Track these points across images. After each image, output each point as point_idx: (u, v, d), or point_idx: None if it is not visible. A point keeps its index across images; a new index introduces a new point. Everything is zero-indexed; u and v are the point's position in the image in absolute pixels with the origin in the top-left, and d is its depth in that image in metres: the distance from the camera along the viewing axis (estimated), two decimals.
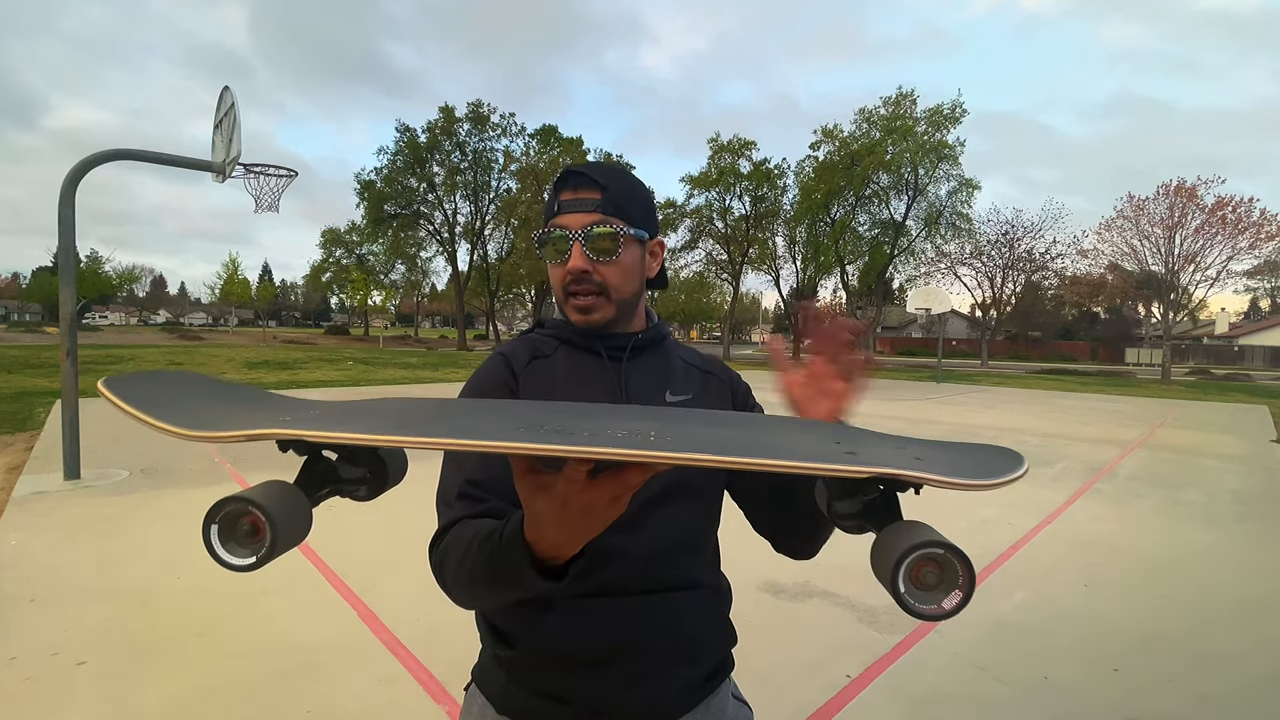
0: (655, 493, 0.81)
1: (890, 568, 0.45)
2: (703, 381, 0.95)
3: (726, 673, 0.91)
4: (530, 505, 0.58)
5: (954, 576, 0.45)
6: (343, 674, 2.48)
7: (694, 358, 0.99)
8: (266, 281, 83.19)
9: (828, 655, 2.72)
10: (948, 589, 0.45)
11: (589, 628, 0.79)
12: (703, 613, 0.86)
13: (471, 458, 0.79)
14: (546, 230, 0.86)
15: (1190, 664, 2.74)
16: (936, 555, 0.45)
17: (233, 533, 0.46)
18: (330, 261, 51.73)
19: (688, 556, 0.85)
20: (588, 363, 0.90)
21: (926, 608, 0.45)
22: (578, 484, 0.53)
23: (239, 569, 0.45)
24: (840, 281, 34.24)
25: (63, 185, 5.09)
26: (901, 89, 30.05)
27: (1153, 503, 5.55)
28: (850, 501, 0.52)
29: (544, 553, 0.61)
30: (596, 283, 0.85)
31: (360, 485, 0.56)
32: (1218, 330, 53.77)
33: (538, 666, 0.80)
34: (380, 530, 4.21)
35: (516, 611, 0.81)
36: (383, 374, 17.75)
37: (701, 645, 0.86)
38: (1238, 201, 23.23)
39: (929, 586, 0.45)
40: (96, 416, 8.14)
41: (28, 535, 3.97)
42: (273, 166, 6.61)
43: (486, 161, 36.30)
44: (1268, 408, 15.08)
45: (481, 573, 0.67)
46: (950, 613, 0.45)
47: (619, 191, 0.86)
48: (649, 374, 0.91)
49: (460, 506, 0.77)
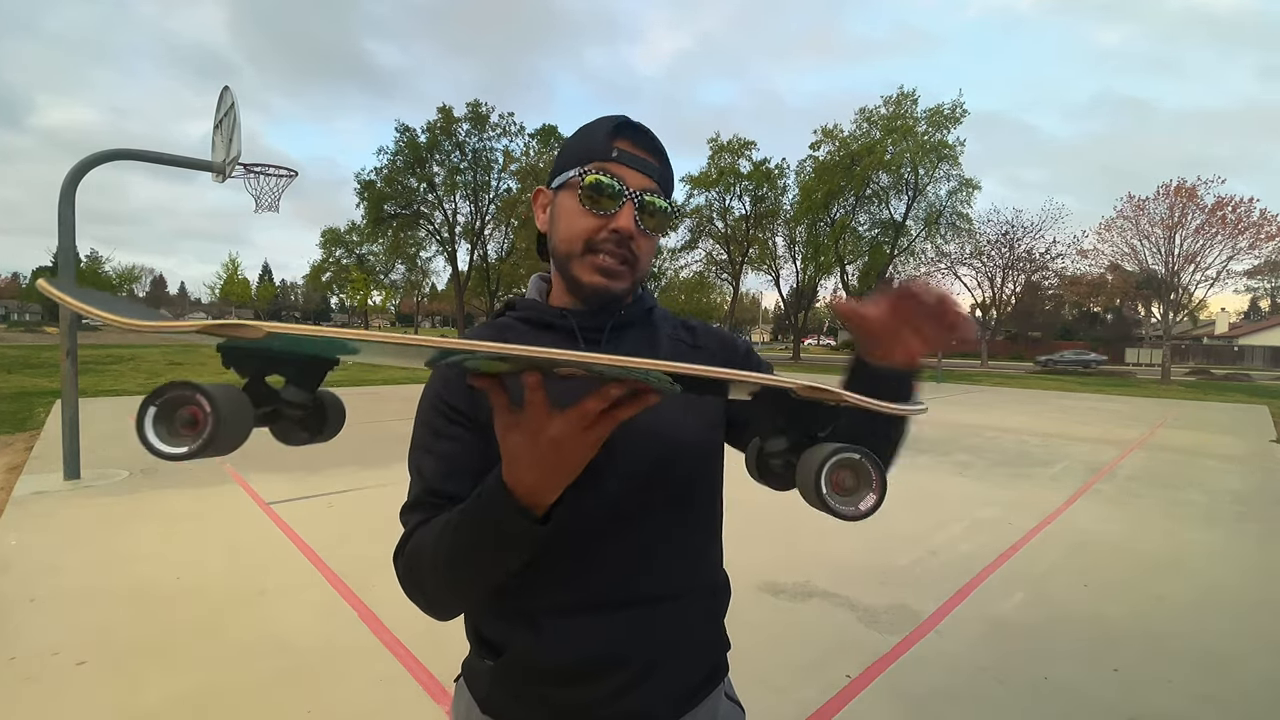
0: (632, 498, 0.76)
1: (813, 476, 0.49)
2: (690, 357, 0.86)
3: (720, 677, 0.88)
4: (504, 443, 0.59)
5: (868, 480, 0.50)
6: (343, 674, 2.48)
7: (682, 330, 0.90)
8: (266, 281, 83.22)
9: (828, 655, 2.72)
10: (864, 490, 0.50)
11: (573, 642, 0.76)
12: (693, 622, 0.82)
13: (432, 467, 0.77)
14: (593, 169, 0.74)
15: (1190, 664, 2.74)
16: (850, 460, 0.50)
17: (169, 420, 0.44)
18: (330, 261, 51.76)
19: (677, 565, 0.80)
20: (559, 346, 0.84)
21: (847, 509, 0.50)
22: (541, 411, 0.55)
23: (169, 457, 0.43)
24: (840, 281, 34.24)
25: (63, 185, 5.09)
26: (902, 89, 30.09)
27: (1153, 503, 5.55)
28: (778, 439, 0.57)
29: (523, 498, 0.60)
30: (633, 252, 0.77)
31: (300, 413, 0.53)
32: (1218, 330, 53.77)
33: (521, 678, 0.78)
34: (380, 530, 4.21)
35: (499, 623, 0.79)
36: (383, 374, 17.74)
37: (691, 655, 0.82)
38: (1238, 202, 23.27)
39: (847, 490, 0.50)
40: (96, 416, 8.14)
41: (28, 535, 3.96)
42: (272, 166, 6.61)
43: (486, 161, 36.31)
44: (1267, 408, 15.08)
45: (462, 543, 0.65)
46: (867, 513, 0.50)
47: (668, 169, 0.80)
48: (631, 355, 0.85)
49: (421, 513, 0.76)
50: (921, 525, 4.55)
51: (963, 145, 28.51)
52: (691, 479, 0.81)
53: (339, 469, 5.55)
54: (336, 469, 5.54)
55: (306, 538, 3.97)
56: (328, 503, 4.77)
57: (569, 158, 0.78)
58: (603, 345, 0.81)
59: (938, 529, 4.47)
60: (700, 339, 0.90)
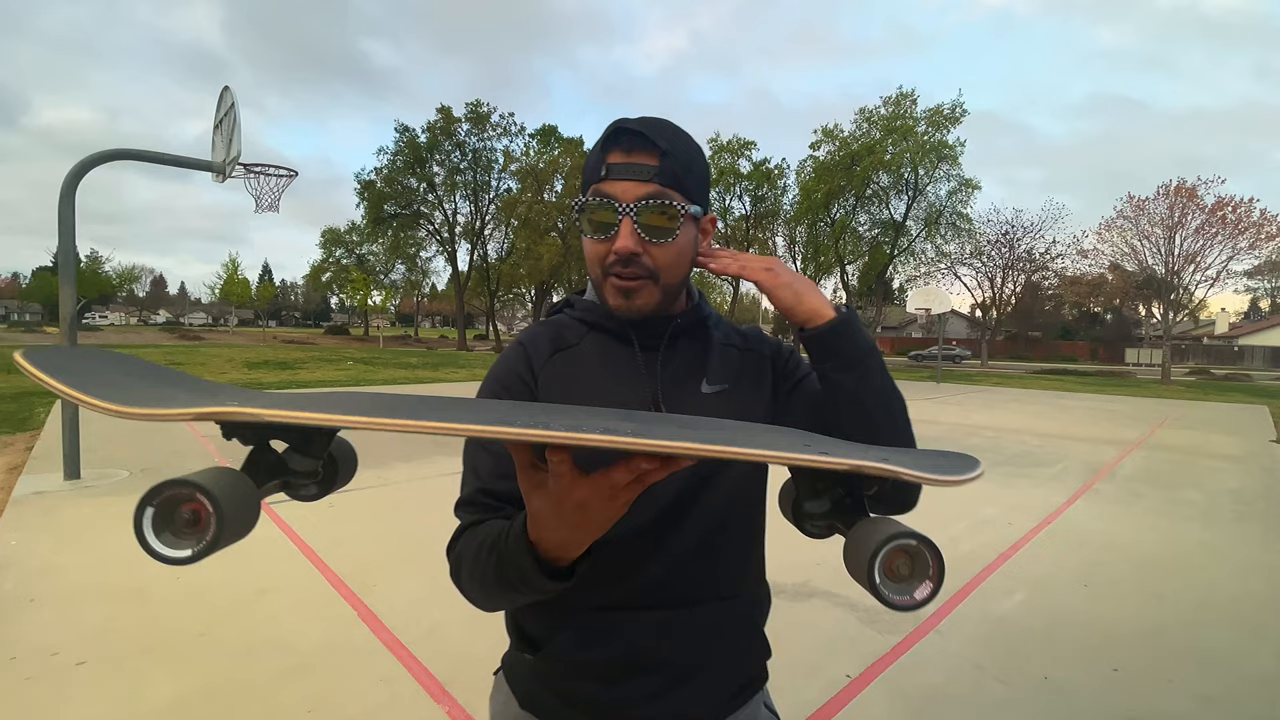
0: (674, 503, 0.77)
1: (866, 560, 0.46)
2: (740, 363, 0.86)
3: (758, 686, 0.87)
4: (529, 503, 0.57)
5: (924, 567, 0.47)
6: (343, 674, 2.48)
7: (733, 335, 0.90)
8: (266, 281, 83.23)
9: (828, 655, 2.72)
10: (919, 579, 0.47)
11: (608, 641, 0.76)
12: (729, 627, 0.82)
13: (487, 464, 0.77)
14: (588, 198, 0.74)
15: (1190, 664, 2.74)
16: (908, 546, 0.46)
17: (169, 520, 0.41)
18: (330, 261, 51.78)
19: (715, 569, 0.80)
20: (617, 354, 0.81)
21: (900, 598, 0.46)
22: (565, 479, 0.52)
23: (173, 561, 0.40)
24: (840, 281, 34.24)
25: (63, 185, 5.09)
26: (901, 89, 30.10)
27: (1152, 503, 5.55)
28: (819, 501, 0.53)
29: (548, 553, 0.60)
30: (646, 266, 0.74)
31: (311, 480, 0.52)
32: (1218, 330, 53.76)
33: (558, 674, 0.79)
34: (380, 530, 4.21)
35: (539, 618, 0.80)
36: (383, 374, 17.75)
37: (727, 661, 0.82)
38: (1238, 202, 23.25)
39: (902, 578, 0.47)
40: (96, 416, 8.12)
41: (28, 535, 3.96)
42: (272, 166, 6.61)
43: (486, 161, 36.32)
44: (1267, 408, 15.08)
45: (492, 576, 0.66)
46: (922, 603, 0.46)
47: (680, 158, 0.73)
48: (686, 363, 0.83)
49: (473, 512, 0.76)
50: (921, 525, 4.49)
51: (963, 145, 28.50)
52: (735, 486, 0.81)
53: None
54: None
55: (306, 538, 3.97)
56: (328, 503, 4.77)
57: (580, 187, 0.79)
58: (660, 353, 0.82)
59: (938, 529, 4.47)
60: (749, 342, 0.90)
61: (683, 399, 0.80)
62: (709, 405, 0.81)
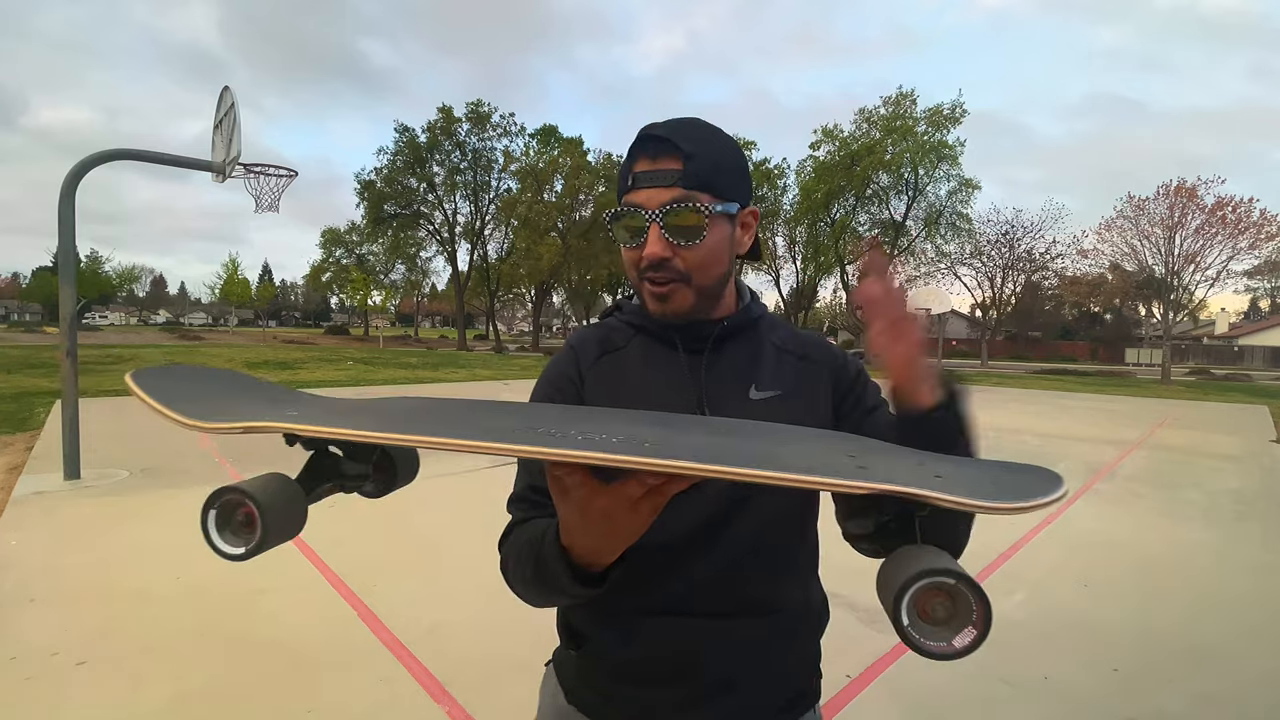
0: (720, 509, 0.75)
1: (892, 597, 0.40)
2: (796, 370, 0.83)
3: (809, 704, 0.85)
4: (559, 509, 0.58)
5: (967, 611, 0.39)
6: (343, 674, 2.48)
7: (790, 340, 0.86)
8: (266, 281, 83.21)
9: (828, 655, 2.71)
10: (960, 625, 0.39)
11: (650, 645, 0.76)
12: (774, 640, 0.79)
13: (538, 462, 0.76)
14: (620, 209, 0.75)
15: (1190, 664, 2.74)
16: (946, 585, 0.39)
17: (228, 521, 0.47)
18: (330, 261, 51.75)
19: (761, 578, 0.78)
20: (662, 357, 0.81)
21: (934, 644, 0.39)
22: (586, 489, 0.52)
23: (230, 558, 0.47)
24: (840, 281, 34.24)
25: (63, 185, 5.09)
26: (901, 89, 30.11)
27: (1153, 503, 5.55)
28: (861, 521, 0.47)
29: (580, 558, 0.61)
30: (677, 270, 0.74)
31: (364, 481, 0.56)
32: (1218, 330, 53.77)
33: (599, 673, 0.80)
34: (380, 530, 4.20)
35: (584, 616, 0.81)
36: (383, 374, 17.75)
37: (773, 675, 0.80)
38: (1238, 202, 23.25)
39: (938, 621, 0.40)
40: (96, 416, 8.13)
41: (28, 535, 3.96)
42: (272, 166, 6.61)
43: (486, 161, 36.33)
44: (1267, 408, 15.07)
45: (532, 576, 0.68)
46: (961, 653, 0.39)
47: (706, 158, 0.73)
48: (733, 367, 0.81)
49: (521, 508, 0.77)
50: None
51: (963, 145, 28.51)
52: (787, 495, 0.79)
53: None
54: None
55: (306, 538, 3.97)
56: (328, 503, 4.73)
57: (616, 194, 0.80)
58: (705, 356, 0.80)
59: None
60: (809, 350, 0.86)
61: (728, 404, 0.79)
62: (757, 412, 0.78)
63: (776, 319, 0.89)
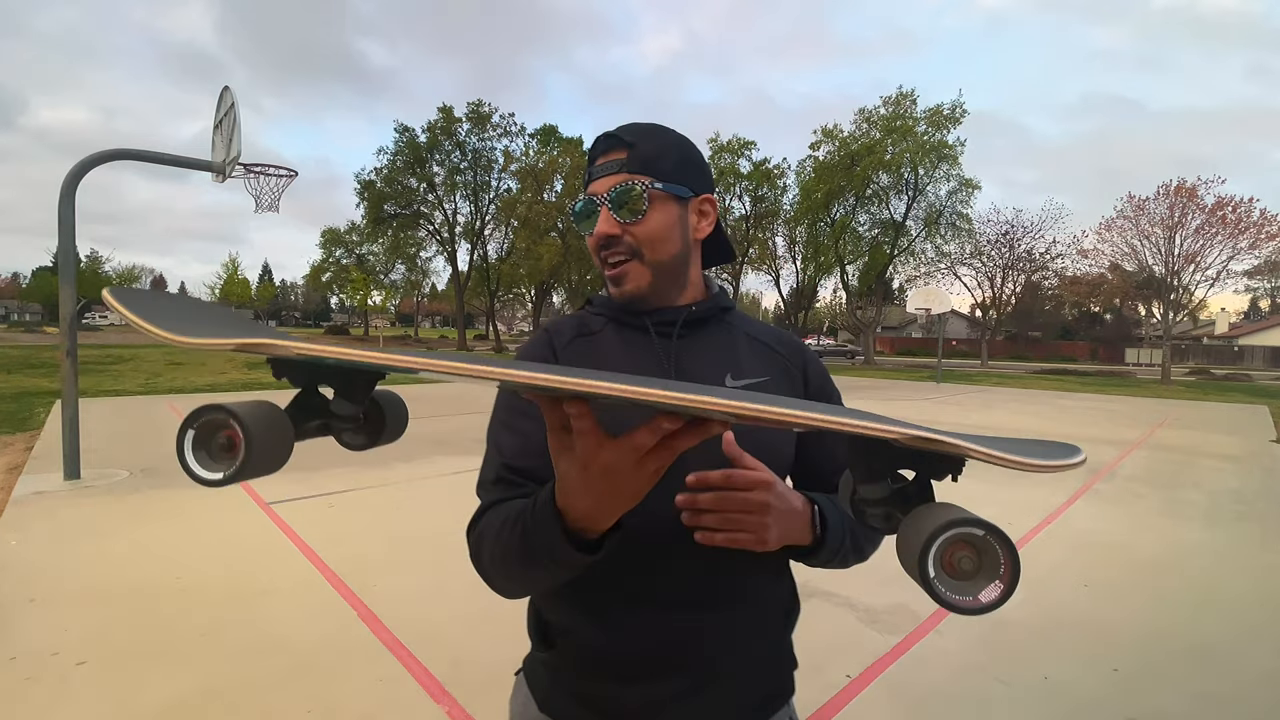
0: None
1: (918, 550, 0.39)
2: (772, 360, 0.86)
3: (784, 699, 0.86)
4: (557, 467, 0.57)
5: (994, 564, 0.39)
6: (343, 674, 2.48)
7: (764, 333, 0.89)
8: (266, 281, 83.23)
9: (828, 655, 2.72)
10: (987, 579, 0.39)
11: (625, 638, 0.76)
12: (755, 635, 0.81)
13: (511, 443, 0.78)
14: (578, 200, 0.81)
15: (1190, 664, 2.74)
16: (973, 537, 0.38)
17: (208, 444, 0.43)
18: (330, 261, 51.75)
19: (740, 574, 0.79)
20: (635, 340, 0.83)
21: (961, 599, 0.38)
22: (593, 439, 0.51)
23: (207, 482, 0.42)
24: (840, 281, 34.24)
25: (63, 185, 5.09)
26: (901, 89, 30.12)
27: (1153, 503, 5.55)
28: (878, 486, 0.46)
29: (576, 522, 0.59)
30: (628, 245, 0.79)
31: (352, 425, 0.52)
32: (1218, 330, 53.77)
33: (576, 671, 0.79)
34: (380, 530, 4.21)
35: (560, 607, 0.80)
36: None
37: (753, 669, 0.81)
38: (1238, 202, 23.24)
39: (965, 575, 0.39)
40: (96, 416, 8.14)
41: (28, 535, 3.96)
42: (272, 166, 6.61)
43: (486, 161, 36.33)
44: (1267, 408, 15.07)
45: (516, 549, 0.66)
46: (988, 607, 0.38)
47: (650, 147, 0.79)
48: (706, 353, 0.83)
49: (497, 490, 0.77)
50: None
51: (963, 145, 28.50)
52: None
53: (339, 469, 5.55)
54: (336, 469, 5.54)
55: (306, 538, 3.97)
56: (328, 503, 4.77)
57: None
58: (674, 341, 0.82)
59: None
60: (782, 344, 0.89)
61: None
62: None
63: (745, 314, 0.92)
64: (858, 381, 20.14)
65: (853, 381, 19.89)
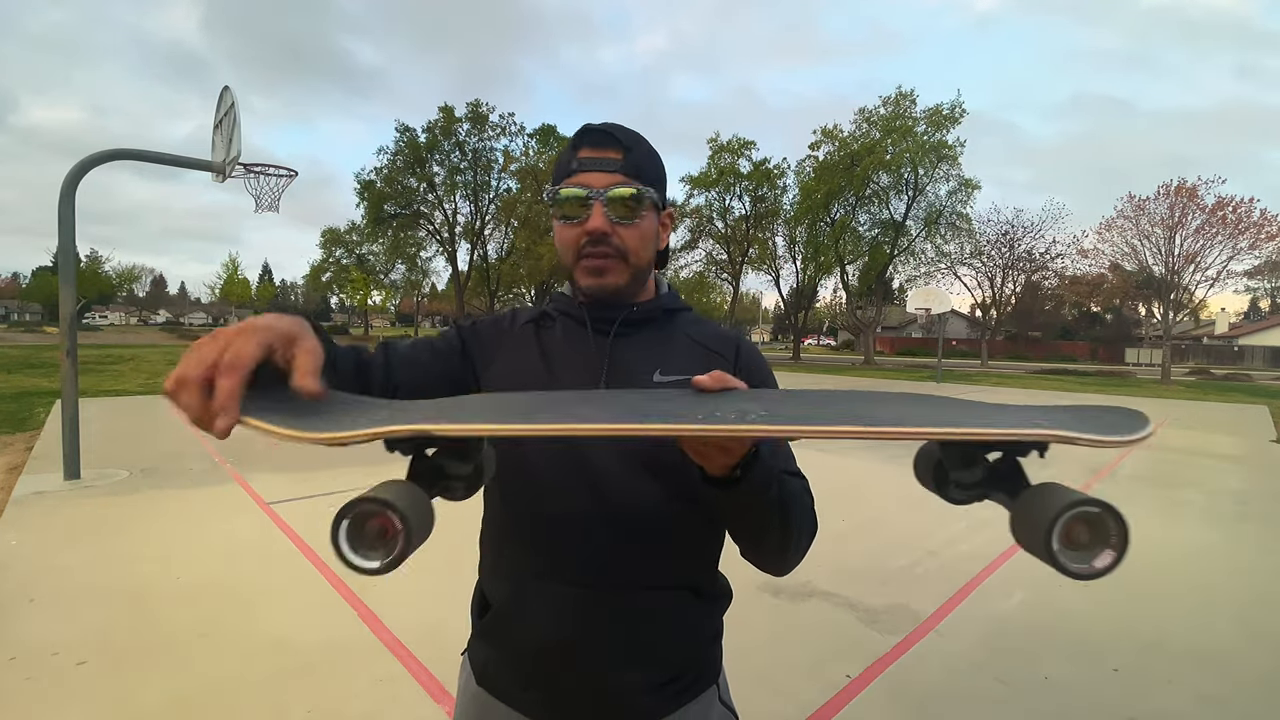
0: (628, 489, 0.78)
1: (1044, 529, 0.45)
2: (703, 360, 0.86)
3: (707, 682, 0.87)
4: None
5: (1105, 534, 0.45)
6: (343, 674, 2.48)
7: (704, 333, 0.91)
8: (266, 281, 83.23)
9: (828, 655, 2.72)
10: (1099, 547, 0.45)
11: (546, 608, 0.79)
12: (672, 616, 0.81)
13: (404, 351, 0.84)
14: (566, 186, 0.81)
15: (1190, 664, 2.74)
16: (1089, 514, 0.44)
17: (360, 534, 0.45)
18: (330, 261, 51.72)
19: (661, 554, 0.80)
20: (576, 334, 0.87)
21: (1080, 567, 0.45)
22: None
23: (367, 572, 0.45)
24: (840, 281, 34.24)
25: (63, 185, 5.09)
26: (900, 89, 30.09)
27: (1153, 503, 5.55)
28: (972, 470, 0.53)
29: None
30: (616, 246, 0.81)
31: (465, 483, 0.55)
32: (1218, 330, 53.75)
33: (499, 643, 0.84)
34: None
35: (494, 581, 0.86)
36: None
37: (667, 651, 0.82)
38: (1238, 202, 23.23)
39: (1081, 545, 0.45)
40: (96, 416, 8.14)
41: (27, 535, 3.96)
42: (272, 166, 6.61)
43: (486, 161, 36.32)
44: (1268, 408, 15.07)
45: None
46: (1102, 571, 0.45)
47: (640, 155, 0.82)
48: (641, 350, 0.85)
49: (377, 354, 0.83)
50: (921, 525, 4.55)
51: (963, 145, 28.49)
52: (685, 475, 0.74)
53: (339, 469, 5.55)
54: (336, 469, 5.54)
55: (306, 538, 3.97)
56: (328, 503, 4.77)
57: (551, 182, 0.85)
58: (611, 339, 0.85)
59: (937, 529, 4.48)
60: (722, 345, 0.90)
61: (631, 384, 0.83)
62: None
63: (695, 314, 0.94)
64: (858, 382, 20.13)
65: (853, 382, 19.87)
